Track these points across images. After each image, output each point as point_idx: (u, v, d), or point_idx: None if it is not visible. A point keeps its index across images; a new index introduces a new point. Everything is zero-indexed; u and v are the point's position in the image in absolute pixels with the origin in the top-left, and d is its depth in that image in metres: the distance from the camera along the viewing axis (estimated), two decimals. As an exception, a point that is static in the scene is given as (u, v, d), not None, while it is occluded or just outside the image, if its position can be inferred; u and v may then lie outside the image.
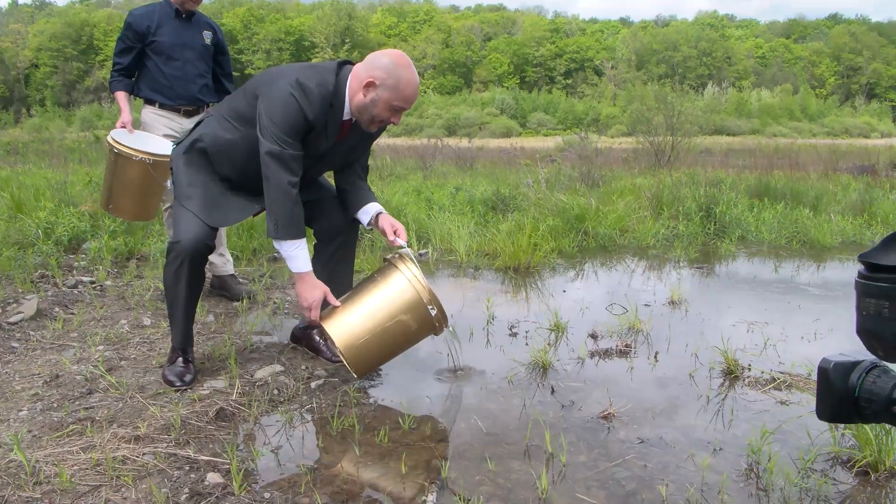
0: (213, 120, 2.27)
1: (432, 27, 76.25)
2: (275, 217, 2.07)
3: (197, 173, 2.24)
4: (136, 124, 3.26)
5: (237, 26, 62.95)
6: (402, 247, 2.25)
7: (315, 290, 2.17)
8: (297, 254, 2.13)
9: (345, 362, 2.26)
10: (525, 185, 6.64)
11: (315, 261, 2.52)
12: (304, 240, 2.15)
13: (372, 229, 2.40)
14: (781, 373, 2.46)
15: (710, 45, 72.42)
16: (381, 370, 2.47)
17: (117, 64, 3.22)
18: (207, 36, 3.31)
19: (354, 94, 2.11)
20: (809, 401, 2.20)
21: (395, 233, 2.27)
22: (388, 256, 2.29)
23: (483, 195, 6.18)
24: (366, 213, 2.37)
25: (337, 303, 2.21)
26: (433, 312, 2.19)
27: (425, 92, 60.64)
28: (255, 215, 2.40)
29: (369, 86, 2.07)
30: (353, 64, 2.18)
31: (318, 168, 2.31)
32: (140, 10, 3.23)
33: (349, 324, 2.15)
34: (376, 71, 2.07)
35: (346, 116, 2.16)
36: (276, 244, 2.13)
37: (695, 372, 2.49)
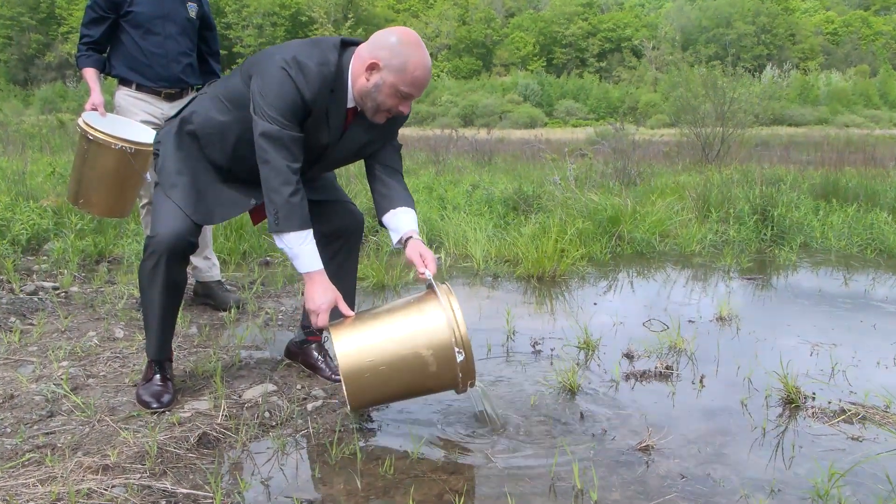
0: (205, 98, 2.29)
1: (447, 1, 76.49)
2: (274, 207, 2.05)
3: (186, 159, 2.26)
4: (109, 107, 3.29)
5: (224, -3, 63.45)
6: (428, 279, 2.17)
7: (326, 293, 2.12)
8: (303, 250, 2.10)
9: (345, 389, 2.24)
10: (551, 183, 6.64)
11: None
12: (311, 233, 2.12)
13: (399, 247, 2.31)
14: (853, 404, 2.44)
15: (770, 21, 71.89)
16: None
17: (86, 36, 3.23)
18: (192, 8, 3.34)
19: (357, 78, 2.11)
20: (888, 438, 2.19)
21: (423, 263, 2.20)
22: (429, 284, 2.19)
23: (503, 194, 6.20)
24: (395, 231, 2.28)
25: (350, 312, 2.17)
26: (459, 358, 2.04)
27: (438, 76, 60.77)
28: (252, 215, 2.43)
29: (372, 68, 2.06)
30: (359, 44, 2.17)
31: (322, 165, 2.32)
32: None
33: (360, 341, 2.06)
34: (380, 51, 2.06)
35: (350, 104, 2.17)
36: (279, 240, 2.11)
37: (748, 399, 2.48)
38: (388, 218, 2.30)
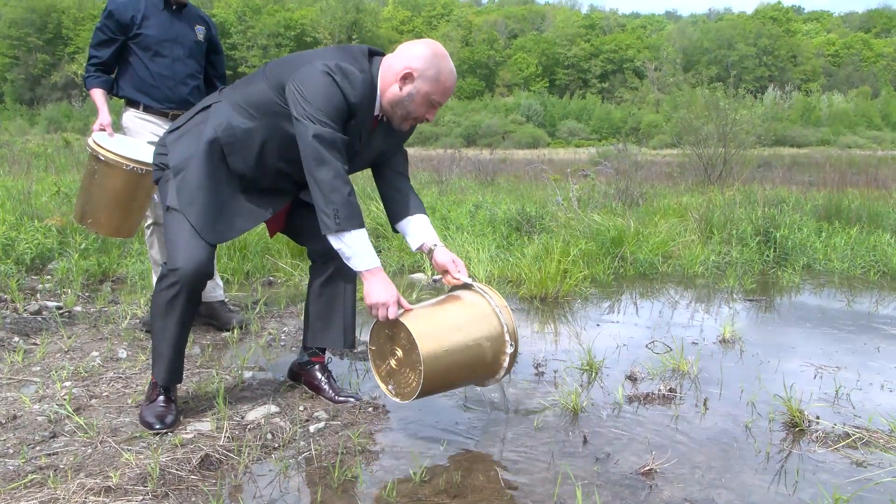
0: (223, 107, 2.28)
1: (451, 23, 77.22)
2: (334, 207, 2.08)
3: (210, 172, 2.24)
4: (116, 128, 3.32)
5: (230, 18, 64.14)
6: (467, 282, 2.34)
7: (389, 287, 2.17)
8: (365, 248, 2.16)
9: (387, 388, 2.27)
10: (554, 204, 6.67)
11: (309, 287, 2.56)
12: (366, 230, 2.18)
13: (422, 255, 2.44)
14: (857, 428, 2.43)
15: (771, 43, 72.45)
16: (389, 411, 2.50)
17: (94, 57, 3.27)
18: (200, 31, 3.39)
19: (388, 87, 2.19)
20: (892, 462, 2.18)
21: (457, 268, 2.37)
22: (468, 282, 2.35)
23: (506, 214, 6.22)
24: (414, 237, 2.40)
25: (409, 306, 2.24)
26: (509, 350, 2.26)
27: (441, 95, 61.10)
28: (268, 226, 2.47)
29: (407, 77, 2.15)
30: (383, 55, 2.25)
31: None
32: None
33: (432, 329, 2.17)
34: (414, 61, 2.15)
35: (375, 112, 2.24)
36: (338, 240, 2.14)
37: (751, 423, 2.47)
38: (404, 224, 2.42)
